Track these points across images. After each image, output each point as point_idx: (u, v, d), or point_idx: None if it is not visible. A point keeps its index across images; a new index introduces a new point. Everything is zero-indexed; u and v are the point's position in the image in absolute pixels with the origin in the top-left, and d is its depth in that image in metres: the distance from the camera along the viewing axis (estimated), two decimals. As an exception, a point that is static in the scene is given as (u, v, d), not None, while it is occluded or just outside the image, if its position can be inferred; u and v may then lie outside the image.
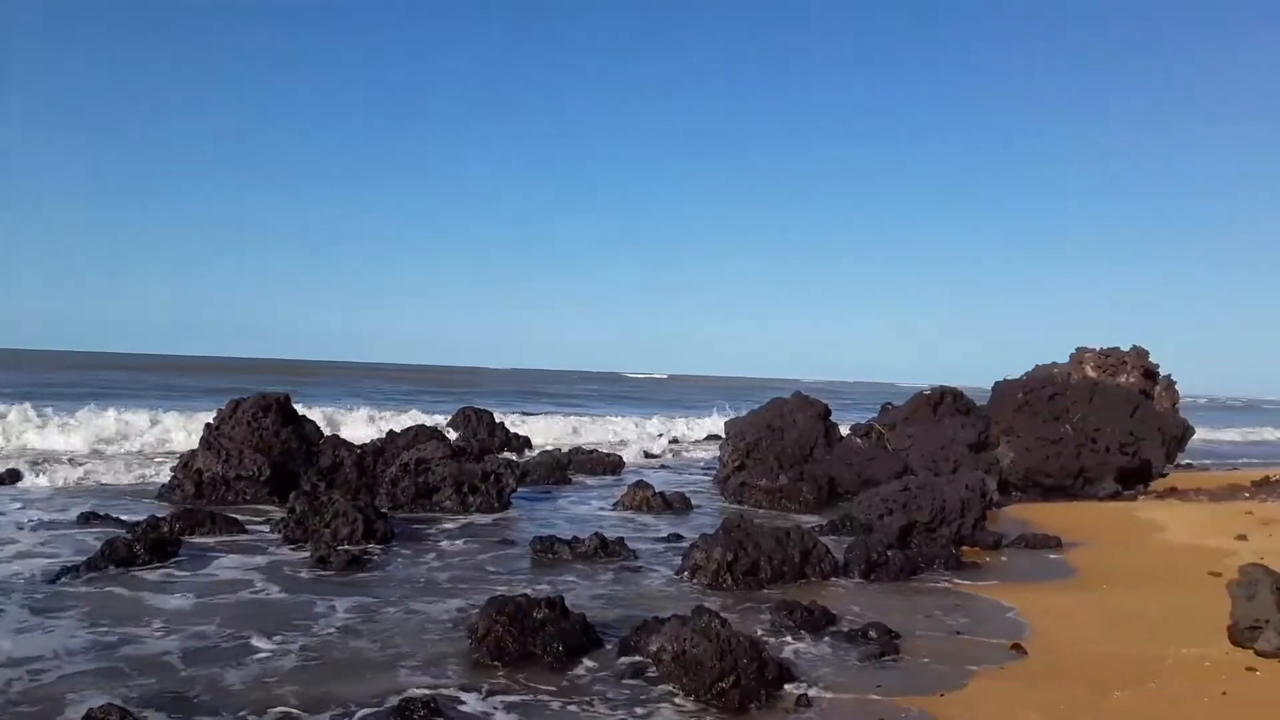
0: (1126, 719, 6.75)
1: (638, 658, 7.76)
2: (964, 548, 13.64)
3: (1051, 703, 7.00)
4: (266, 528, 13.57)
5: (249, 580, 10.55)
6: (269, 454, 16.62)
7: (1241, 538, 14.45)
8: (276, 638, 8.26)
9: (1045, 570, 12.80)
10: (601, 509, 17.30)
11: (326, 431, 20.20)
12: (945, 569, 12.30)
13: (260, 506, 15.61)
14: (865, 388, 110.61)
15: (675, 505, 17.11)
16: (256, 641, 8.15)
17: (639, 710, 6.82)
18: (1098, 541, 15.04)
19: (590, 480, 21.74)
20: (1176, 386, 34.69)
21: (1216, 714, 6.77)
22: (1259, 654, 8.00)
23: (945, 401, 23.66)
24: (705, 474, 23.97)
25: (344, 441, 18.99)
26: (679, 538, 13.73)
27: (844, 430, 23.38)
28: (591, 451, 25.14)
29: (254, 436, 16.83)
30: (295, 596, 9.89)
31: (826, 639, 8.70)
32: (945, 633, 9.20)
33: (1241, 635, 8.27)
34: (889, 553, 12.07)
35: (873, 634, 8.66)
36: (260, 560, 11.59)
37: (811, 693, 7.12)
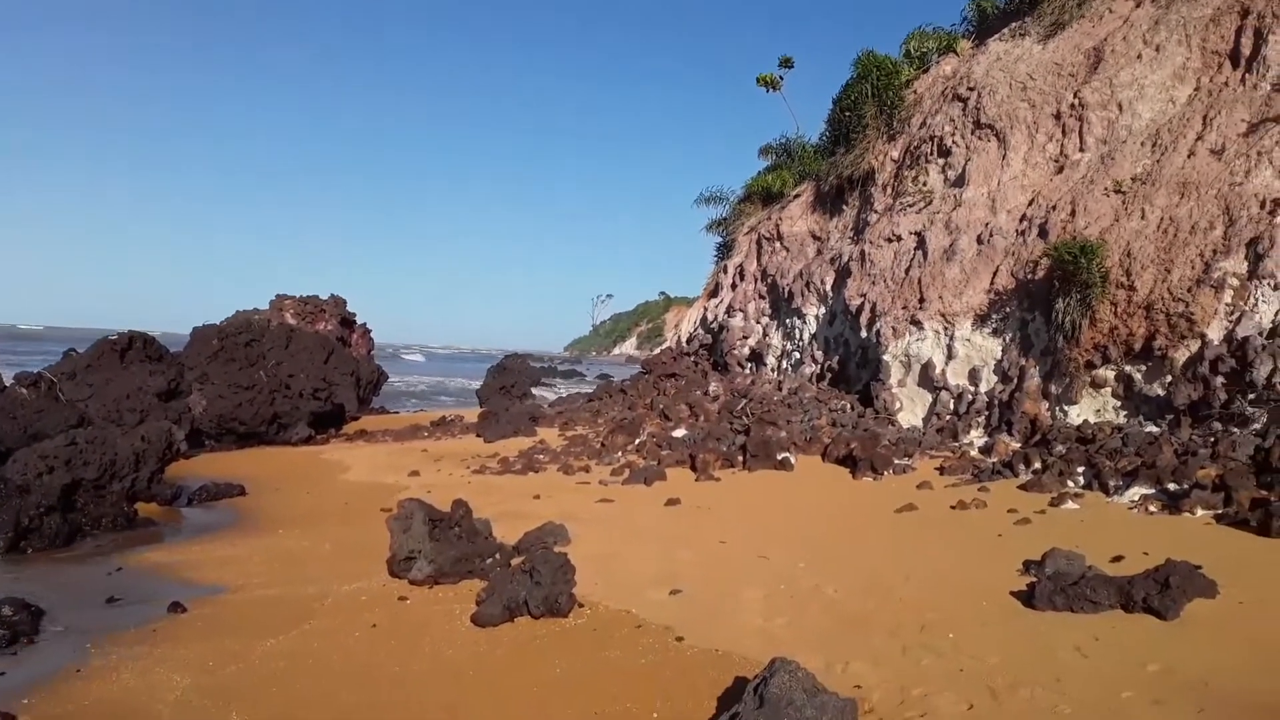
0: (276, 661, 6.79)
1: None
2: (140, 504, 12.49)
3: (199, 659, 6.73)
4: None
5: None
6: None
7: (415, 474, 15.88)
8: None
9: (224, 520, 12.54)
10: None
11: None
12: (116, 529, 11.18)
13: None
14: (63, 334, 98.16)
15: None
16: None
17: None
18: (284, 487, 15.17)
19: None
20: (372, 334, 37.45)
21: (364, 645, 7.18)
22: (412, 583, 8.69)
23: (134, 348, 21.70)
24: None
25: None
26: None
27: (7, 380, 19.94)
28: None
29: None
30: None
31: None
32: (98, 602, 8.18)
33: (399, 567, 8.86)
34: (45, 517, 10.45)
35: (7, 612, 7.27)
36: None
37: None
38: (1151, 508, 10.56)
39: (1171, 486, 10.96)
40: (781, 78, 33.06)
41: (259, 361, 23.61)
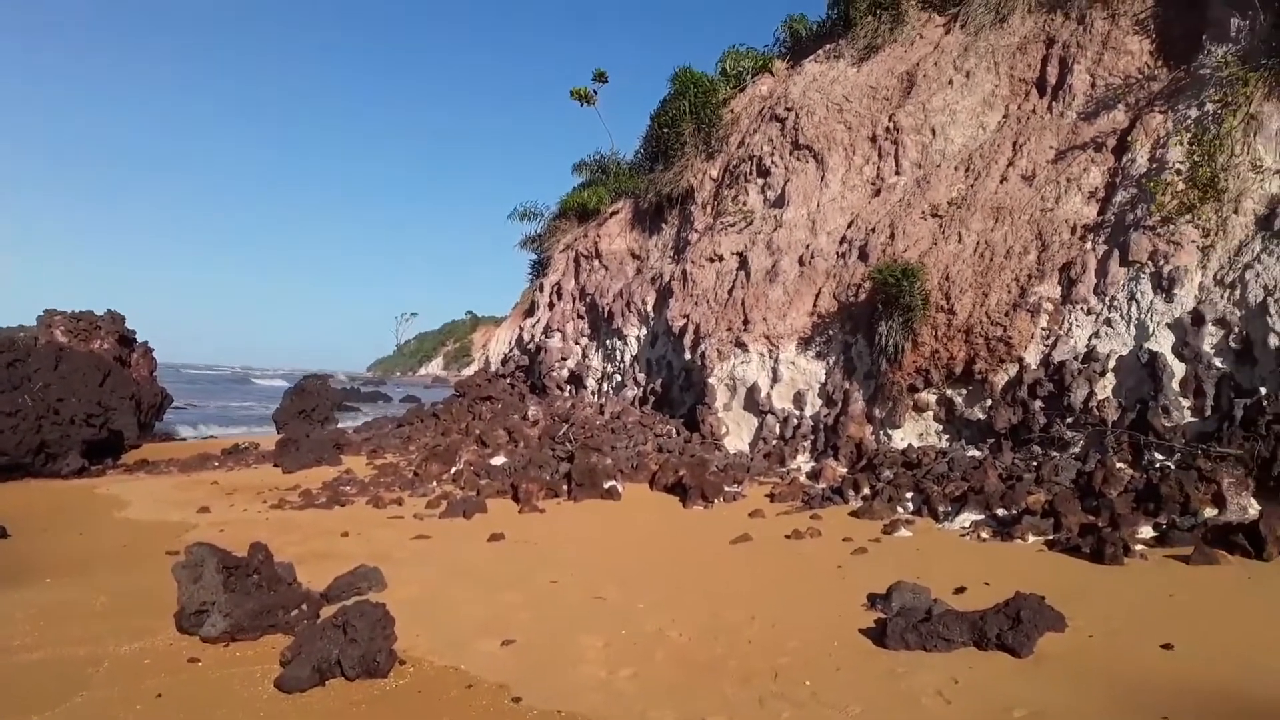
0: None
1: None
2: None
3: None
4: None
5: None
6: None
7: (205, 509, 14.33)
8: None
9: (6, 570, 10.62)
10: None
11: None
12: None
13: None
14: None
15: None
16: None
17: None
18: (52, 527, 13.36)
19: None
20: (154, 354, 34.46)
21: (150, 721, 5.90)
22: (204, 640, 7.60)
23: None
24: None
25: None
26: None
27: None
28: None
29: None
30: None
31: None
32: None
33: (188, 622, 7.71)
34: None
35: None
36: None
37: None
38: (983, 534, 10.55)
39: (1000, 512, 11.02)
40: (595, 92, 32.72)
41: (23, 384, 21.06)
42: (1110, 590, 8.31)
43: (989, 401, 13.77)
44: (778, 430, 16.65)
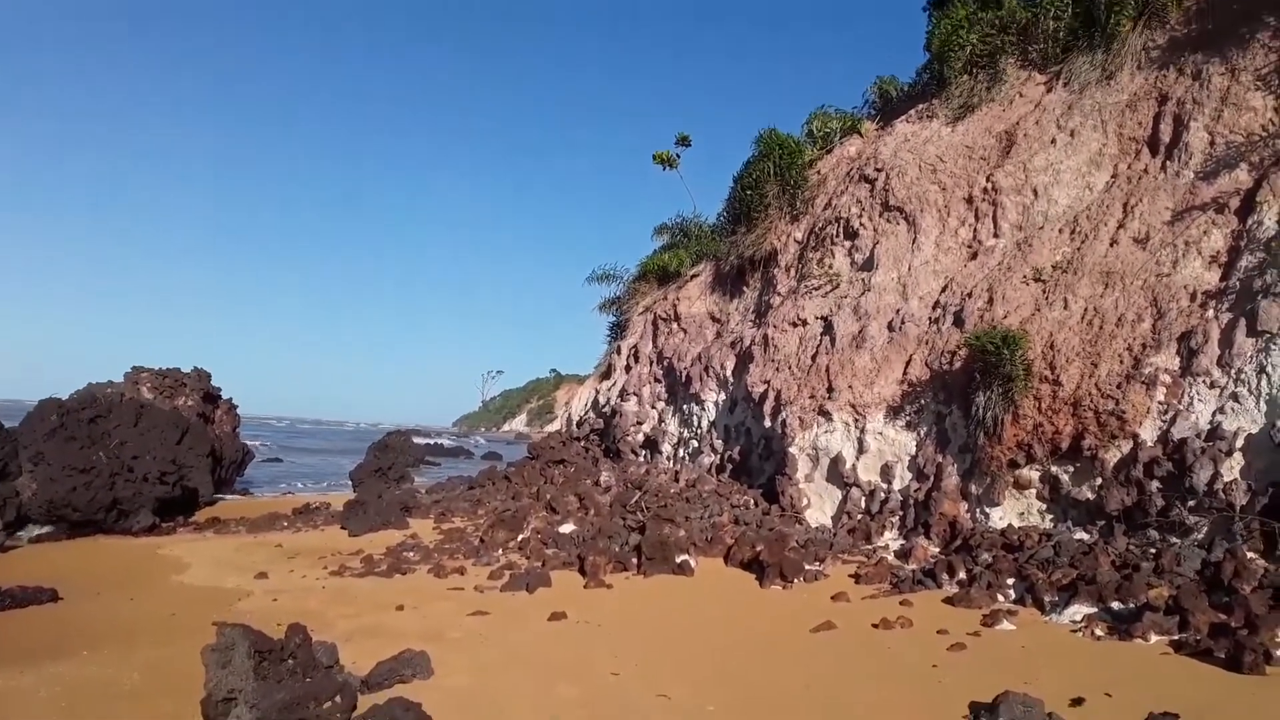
0: None
1: None
2: None
3: None
4: None
5: None
6: None
7: (263, 575, 13.90)
8: None
9: (20, 637, 10.43)
10: None
11: None
12: None
13: None
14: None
15: None
16: None
17: None
18: (106, 590, 13.01)
19: None
20: (238, 410, 34.77)
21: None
22: (230, 731, 6.71)
23: (-45, 424, 19.19)
24: None
25: None
26: None
27: None
28: None
29: None
30: None
31: None
32: None
33: (214, 710, 7.07)
34: None
35: None
36: None
37: None
38: (1098, 631, 9.42)
39: (1116, 605, 9.88)
40: (679, 155, 32.41)
41: (101, 440, 21.16)
42: (1253, 706, 7.18)
43: (1099, 480, 12.57)
44: (863, 504, 15.60)
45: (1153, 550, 11.05)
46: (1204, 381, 12.08)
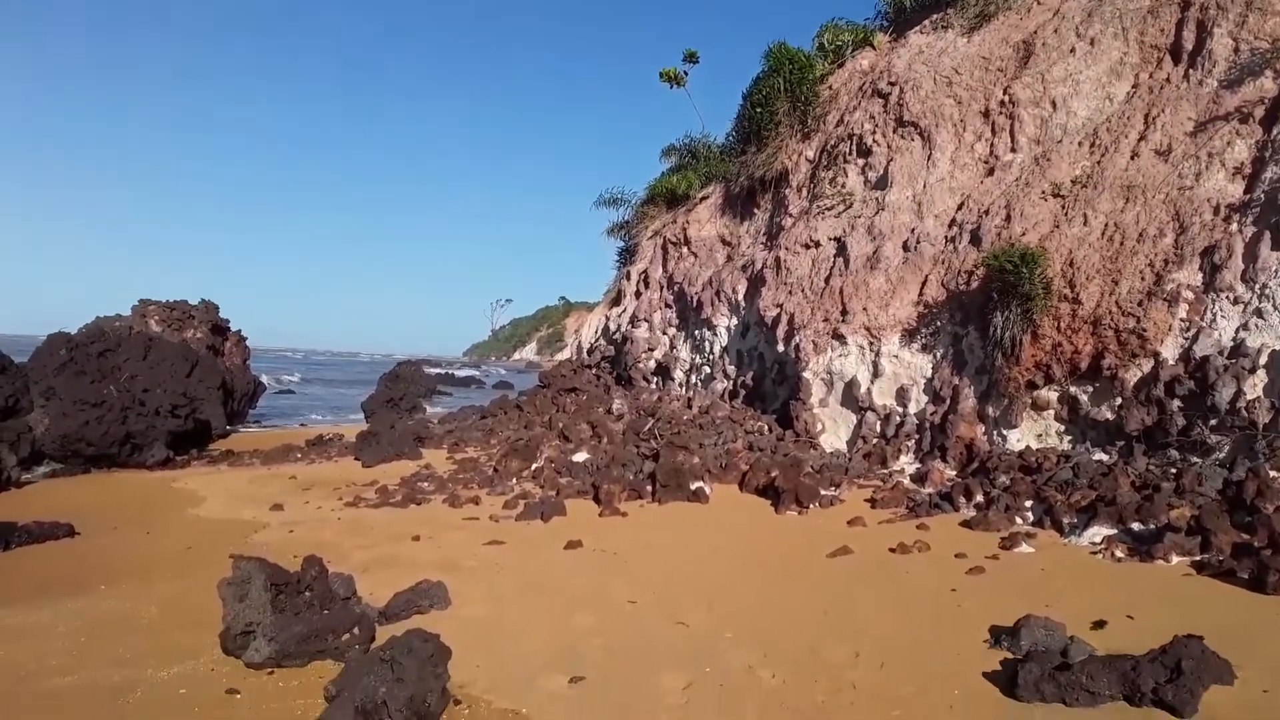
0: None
1: None
2: None
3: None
4: None
5: None
6: None
7: (278, 507, 13.92)
8: None
9: (38, 572, 10.46)
10: None
11: None
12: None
13: None
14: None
15: None
16: None
17: None
18: (123, 525, 13.03)
19: None
20: (247, 341, 34.72)
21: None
22: (249, 666, 6.82)
23: (-31, 359, 19.20)
24: None
25: None
26: None
27: None
28: None
29: None
30: None
31: None
32: None
33: (232, 643, 7.09)
34: None
35: None
36: None
37: None
38: (1118, 552, 9.35)
39: (1136, 527, 9.79)
40: (686, 73, 31.61)
41: (112, 374, 21.13)
42: (1278, 627, 7.11)
43: (1119, 400, 12.40)
44: (878, 428, 15.50)
45: (1173, 470, 10.93)
46: (1227, 297, 11.83)
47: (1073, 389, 13.02)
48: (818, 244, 18.73)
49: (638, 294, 26.39)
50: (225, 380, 28.30)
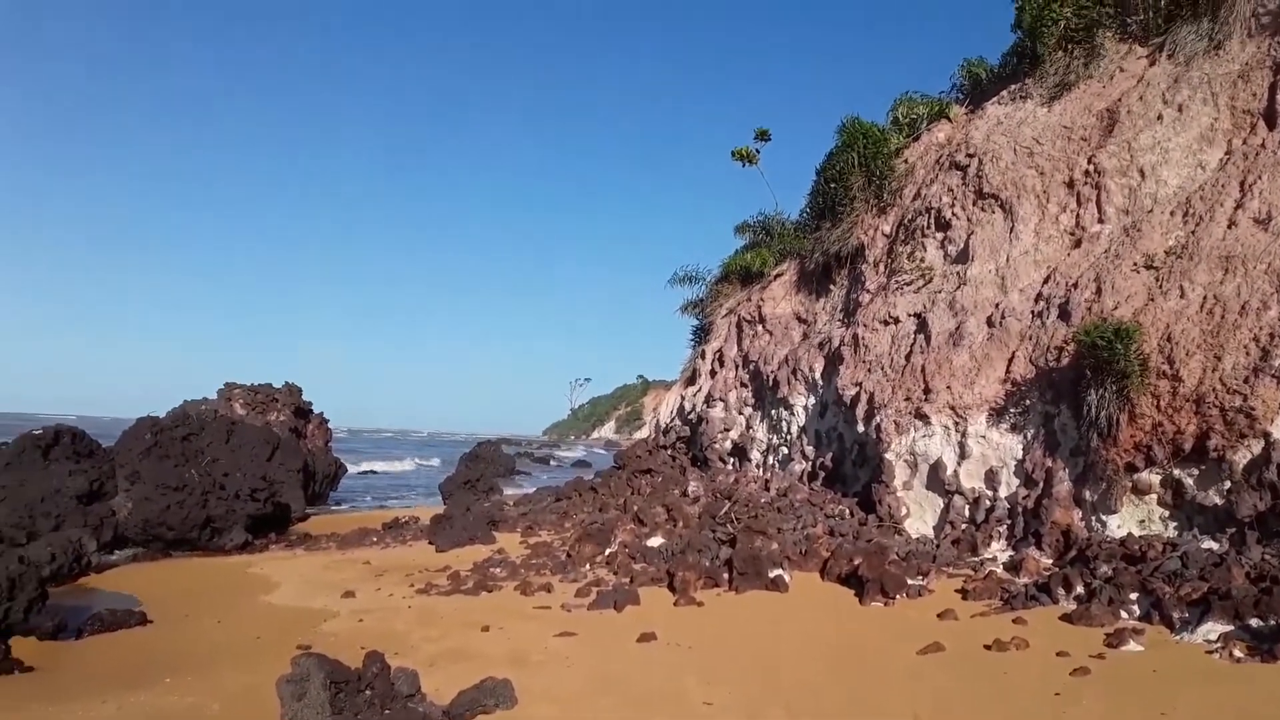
0: None
1: None
2: (16, 638, 10.56)
3: None
4: None
5: None
6: None
7: (349, 594, 13.80)
8: None
9: (106, 662, 10.45)
10: None
11: None
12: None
13: None
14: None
15: None
16: None
17: None
18: (195, 612, 13.04)
19: None
20: (329, 424, 35.27)
21: None
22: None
23: (61, 443, 19.62)
24: None
25: None
26: None
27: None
28: None
29: None
30: None
31: None
32: None
33: None
34: None
35: None
36: None
37: None
38: (1236, 651, 8.61)
39: (1255, 623, 9.04)
40: (758, 151, 31.75)
41: (194, 458, 21.51)
42: None
43: (1228, 484, 11.62)
44: (967, 513, 14.82)
45: (1293, 560, 10.14)
46: (1343, 373, 11.07)
47: (1176, 472, 12.26)
48: (897, 320, 18.27)
49: (713, 373, 26.10)
50: (307, 462, 28.69)
